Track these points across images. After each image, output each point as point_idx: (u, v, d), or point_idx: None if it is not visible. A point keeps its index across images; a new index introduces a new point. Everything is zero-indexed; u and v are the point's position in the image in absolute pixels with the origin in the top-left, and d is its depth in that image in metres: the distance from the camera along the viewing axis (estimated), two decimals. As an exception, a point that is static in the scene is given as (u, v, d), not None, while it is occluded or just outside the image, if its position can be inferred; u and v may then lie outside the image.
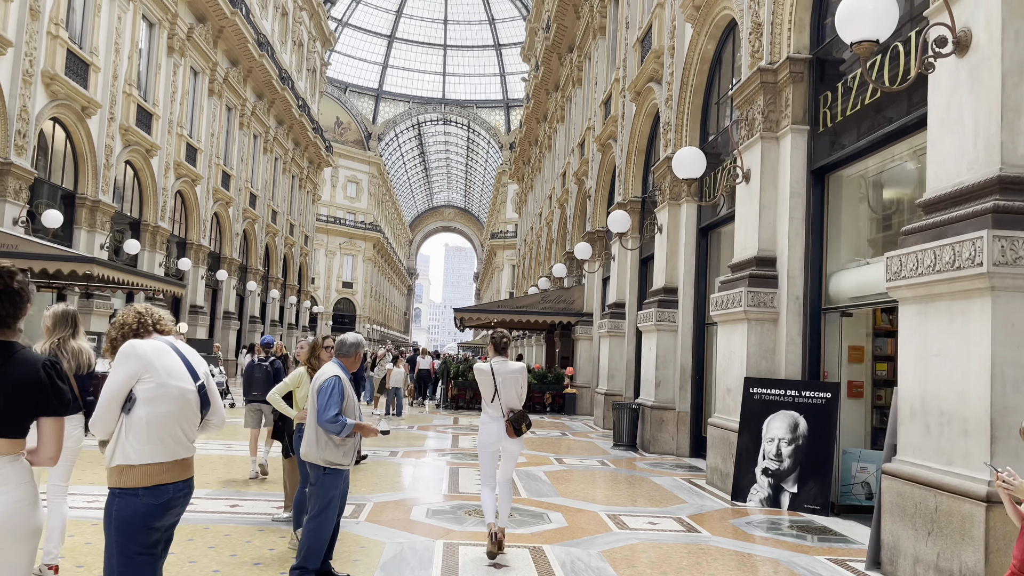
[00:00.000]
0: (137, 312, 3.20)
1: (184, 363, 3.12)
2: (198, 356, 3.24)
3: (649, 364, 13.03)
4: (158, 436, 2.99)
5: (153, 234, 23.66)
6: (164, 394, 3.02)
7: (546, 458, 11.19)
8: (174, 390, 3.04)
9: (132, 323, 3.16)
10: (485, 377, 5.73)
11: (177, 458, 3.04)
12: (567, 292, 21.53)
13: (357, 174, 70.96)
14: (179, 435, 3.06)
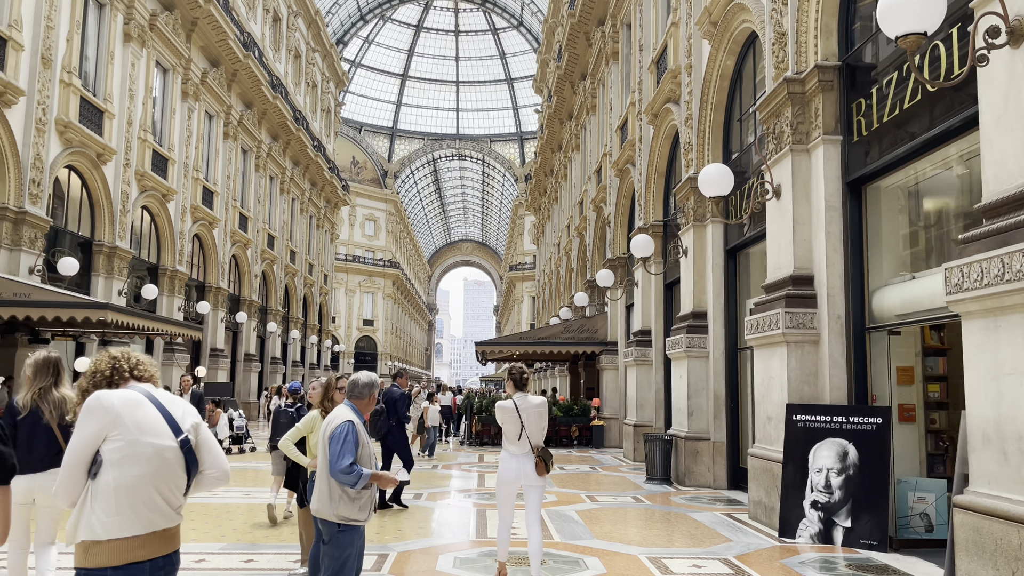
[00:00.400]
0: (112, 357, 2.81)
1: (164, 415, 2.70)
2: (184, 405, 2.83)
3: (680, 393, 12.51)
4: (129, 504, 2.56)
5: (171, 278, 23.54)
6: (135, 453, 2.60)
7: (577, 496, 10.66)
8: (148, 448, 2.63)
9: (105, 370, 2.76)
10: (509, 414, 5.63)
11: (155, 529, 2.61)
12: (590, 321, 21.07)
13: (375, 212, 71.26)
14: (156, 502, 2.63)
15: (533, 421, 5.60)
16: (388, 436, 9.50)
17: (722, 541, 7.59)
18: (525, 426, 5.56)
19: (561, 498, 10.39)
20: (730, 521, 8.75)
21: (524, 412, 5.58)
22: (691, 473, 11.91)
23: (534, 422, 5.60)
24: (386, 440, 9.54)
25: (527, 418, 5.57)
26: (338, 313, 63.09)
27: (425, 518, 8.80)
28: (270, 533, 7.75)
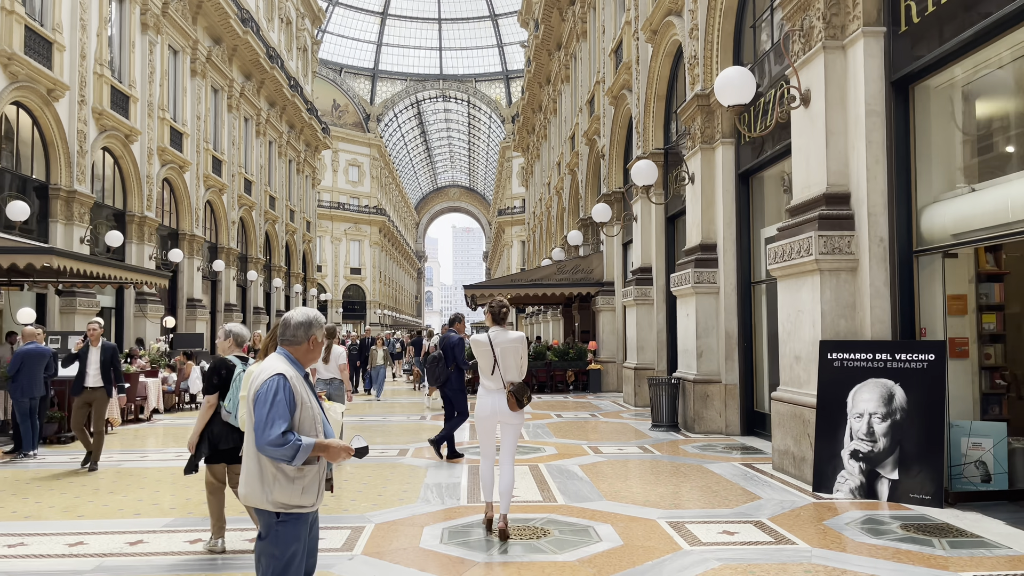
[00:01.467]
0: None
1: None
2: None
3: (688, 333, 11.48)
4: None
5: (140, 225, 22.19)
6: None
7: (578, 447, 9.69)
8: None
9: None
10: (483, 348, 5.56)
11: None
12: (584, 261, 19.95)
13: (358, 157, 69.37)
14: None
15: (508, 356, 5.48)
16: (447, 384, 9.13)
17: (749, 499, 6.61)
18: (499, 361, 5.46)
19: (562, 450, 9.41)
20: (752, 473, 7.79)
21: (498, 347, 5.48)
22: (701, 419, 10.95)
23: (509, 357, 5.48)
24: (444, 389, 9.18)
25: (501, 353, 5.46)
26: (324, 262, 61.81)
27: (409, 479, 7.80)
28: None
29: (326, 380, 8.93)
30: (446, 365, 9.06)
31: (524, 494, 6.83)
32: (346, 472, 7.93)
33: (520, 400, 5.41)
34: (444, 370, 9.05)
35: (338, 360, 9.04)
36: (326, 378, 8.94)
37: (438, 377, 9.03)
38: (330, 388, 8.93)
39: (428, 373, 9.22)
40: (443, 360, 9.05)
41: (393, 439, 10.70)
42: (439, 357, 9.07)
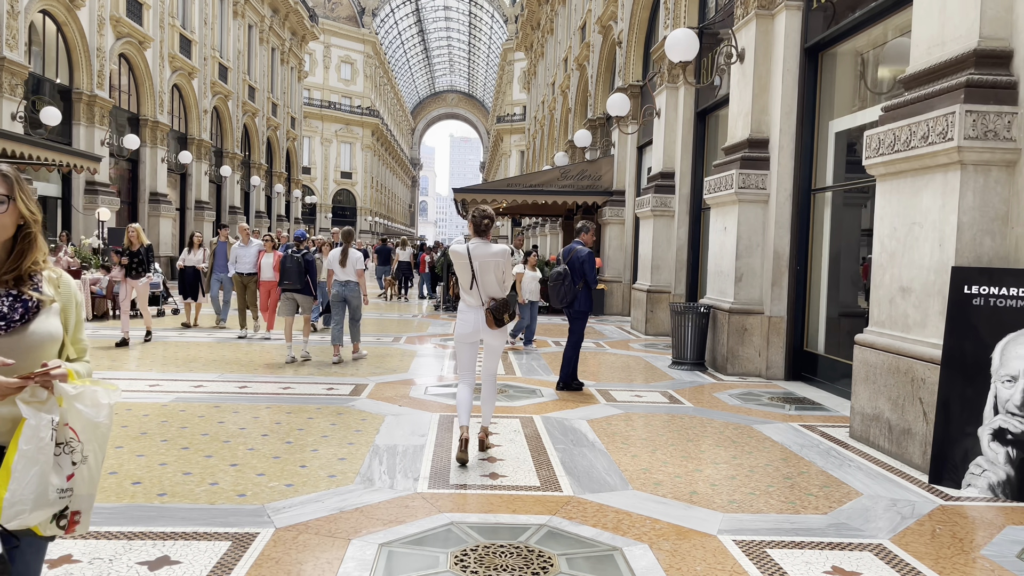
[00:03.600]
0: None
1: None
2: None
3: (724, 251, 9.24)
4: None
5: (89, 104, 19.54)
6: None
7: (586, 393, 7.57)
8: None
9: None
10: (461, 260, 5.10)
11: None
12: (592, 166, 17.49)
13: (351, 54, 65.38)
14: None
15: (487, 271, 5.05)
16: (573, 305, 7.66)
17: (842, 493, 4.49)
18: (477, 276, 5.06)
19: (563, 395, 7.30)
20: (824, 444, 5.68)
21: (477, 260, 5.05)
22: (735, 357, 8.83)
23: (489, 271, 5.05)
24: (571, 309, 7.69)
25: (480, 267, 5.04)
26: (313, 164, 58.90)
27: (378, 427, 5.69)
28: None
29: (342, 282, 9.10)
30: (573, 283, 7.56)
31: (514, 472, 4.71)
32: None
33: (499, 319, 5.02)
34: (571, 288, 7.56)
35: (356, 264, 9.14)
36: (342, 280, 9.09)
37: (563, 296, 7.60)
38: (345, 290, 9.11)
39: (552, 292, 7.70)
40: (570, 276, 7.57)
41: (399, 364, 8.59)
42: (564, 273, 7.58)
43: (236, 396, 6.75)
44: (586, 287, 7.64)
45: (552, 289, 7.67)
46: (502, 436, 5.57)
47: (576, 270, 7.61)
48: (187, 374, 7.82)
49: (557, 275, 7.61)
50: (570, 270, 7.58)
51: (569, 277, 7.55)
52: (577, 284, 7.57)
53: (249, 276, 11.10)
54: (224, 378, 7.65)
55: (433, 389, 7.41)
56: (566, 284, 7.53)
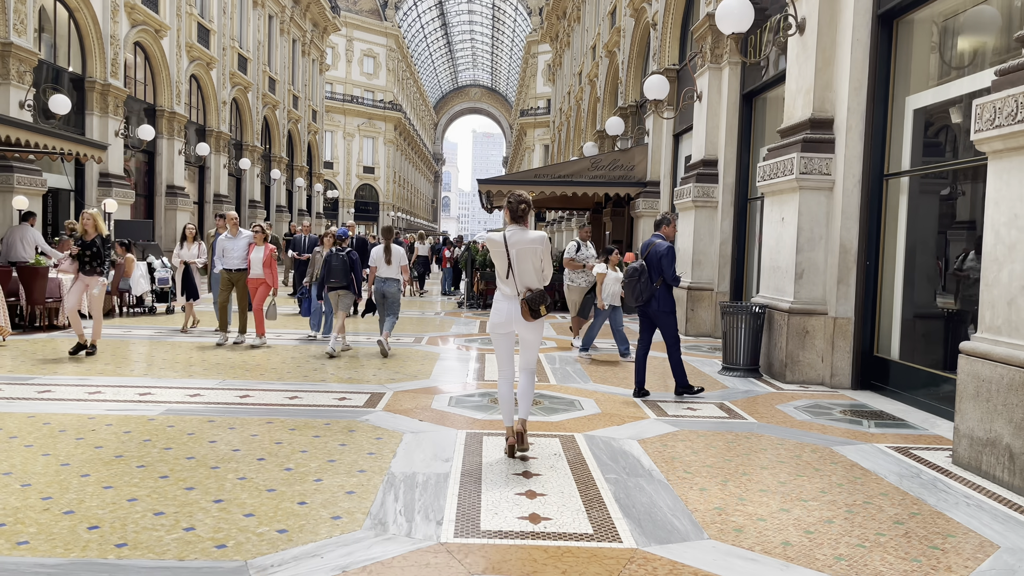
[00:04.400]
0: None
1: None
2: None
3: (782, 244, 8.29)
4: None
5: (103, 94, 18.91)
6: None
7: (628, 403, 6.68)
8: None
9: None
10: (497, 248, 4.86)
11: None
12: (625, 155, 16.54)
13: (374, 47, 64.72)
14: None
15: (525, 259, 4.78)
16: (650, 304, 6.95)
17: (978, 546, 3.56)
18: (513, 264, 4.79)
19: (606, 407, 6.41)
20: (924, 472, 4.76)
21: (514, 247, 4.78)
22: (795, 363, 7.89)
23: (526, 260, 4.79)
24: (648, 309, 6.98)
25: (517, 255, 4.78)
26: (336, 159, 58.37)
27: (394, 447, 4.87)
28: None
29: (383, 279, 9.28)
30: (651, 280, 6.90)
31: (559, 511, 3.84)
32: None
33: (535, 310, 4.77)
34: (648, 286, 6.89)
35: (400, 260, 9.34)
36: (384, 276, 9.27)
37: (639, 295, 6.91)
38: (385, 287, 9.28)
39: (627, 290, 7.09)
40: (646, 273, 6.92)
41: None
42: (641, 270, 6.94)
43: (235, 408, 5.94)
44: (665, 285, 6.95)
45: (627, 287, 7.06)
46: (541, 462, 4.70)
47: (654, 266, 6.93)
48: (185, 380, 7.04)
49: (633, 271, 6.97)
50: (647, 265, 6.94)
51: (645, 274, 6.91)
52: (655, 281, 6.89)
53: (238, 273, 9.65)
54: (225, 385, 6.86)
55: (459, 399, 6.56)
56: (642, 281, 6.88)
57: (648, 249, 7.06)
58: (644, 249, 7.15)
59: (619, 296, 9.18)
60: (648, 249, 7.06)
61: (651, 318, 7.04)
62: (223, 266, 9.65)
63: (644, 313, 7.05)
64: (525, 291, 4.79)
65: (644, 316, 7.09)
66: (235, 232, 9.79)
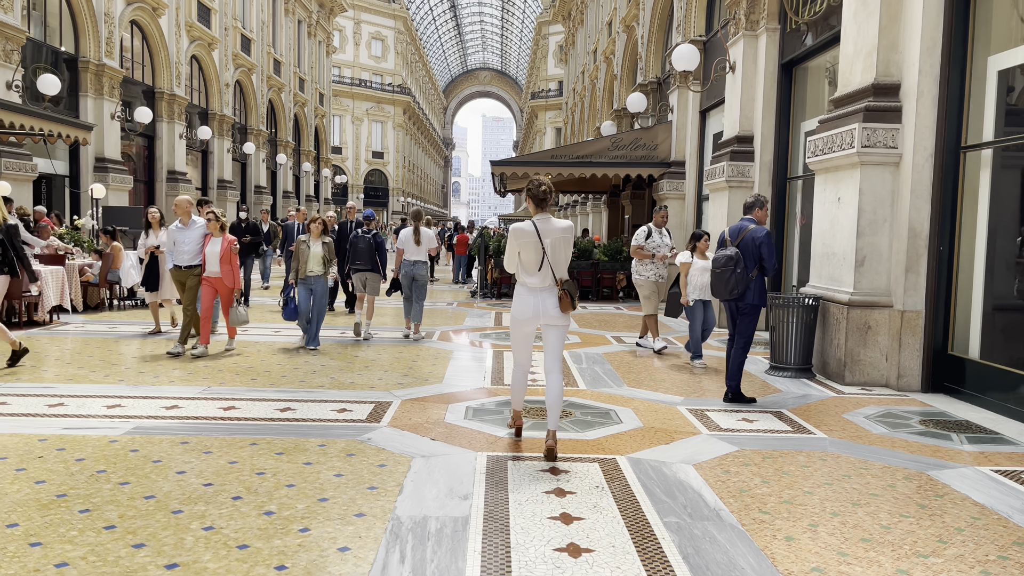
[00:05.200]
0: None
1: None
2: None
3: (840, 227, 7.34)
4: None
5: (97, 75, 18.05)
6: None
7: (674, 412, 5.78)
8: None
9: None
10: (528, 239, 4.54)
11: None
12: (647, 134, 15.55)
13: (382, 30, 63.65)
14: None
15: (559, 248, 4.57)
16: (745, 297, 6.10)
17: None
18: (548, 254, 4.54)
19: (648, 418, 5.51)
20: (1053, 507, 3.85)
21: (546, 236, 4.53)
22: (855, 362, 6.97)
23: (560, 249, 4.58)
24: (742, 301, 6.12)
25: (551, 245, 4.54)
26: (345, 144, 57.48)
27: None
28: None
29: (411, 262, 9.22)
30: (747, 270, 6.02)
31: (602, 555, 2.97)
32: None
33: (574, 300, 4.57)
34: (743, 277, 6.02)
35: (429, 243, 9.29)
36: (412, 260, 9.22)
37: (733, 287, 6.03)
38: (414, 270, 9.24)
39: (716, 281, 6.20)
40: (742, 262, 6.02)
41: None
42: (736, 258, 6.02)
43: (215, 425, 5.08)
44: (759, 276, 6.14)
45: (717, 277, 6.18)
46: (582, 499, 3.82)
47: (750, 254, 6.08)
48: (163, 388, 6.18)
49: (726, 259, 6.09)
50: (741, 254, 6.08)
51: (741, 262, 6.03)
52: (751, 272, 6.05)
53: (189, 270, 7.97)
54: (209, 393, 5.99)
55: (476, 410, 5.68)
56: (737, 272, 6.01)
57: (741, 235, 6.20)
58: (734, 235, 6.27)
59: (709, 288, 7.63)
60: (741, 235, 6.20)
61: (745, 313, 6.21)
62: (174, 262, 8.03)
63: (734, 307, 6.26)
64: (561, 281, 4.57)
65: (731, 310, 6.32)
66: (187, 220, 8.00)
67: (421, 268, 9.25)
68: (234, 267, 7.92)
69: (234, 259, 7.92)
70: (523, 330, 4.68)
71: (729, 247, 6.18)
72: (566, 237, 4.59)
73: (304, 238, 8.39)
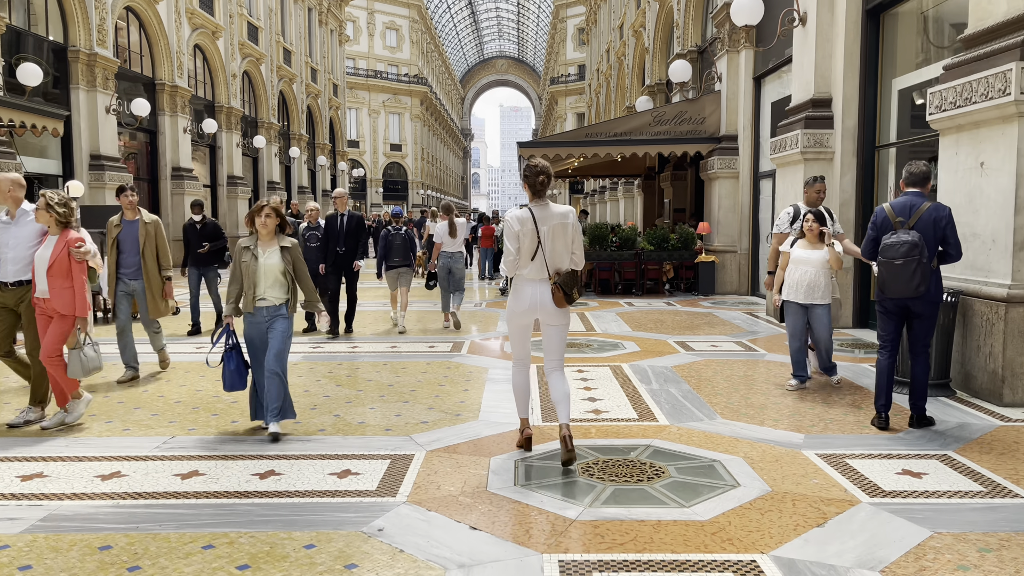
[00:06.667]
0: None
1: None
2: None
3: (986, 202, 5.68)
4: None
5: (89, 66, 16.69)
6: None
7: (809, 468, 4.19)
8: None
9: None
10: (524, 226, 4.23)
11: None
12: (693, 106, 13.86)
13: (396, 19, 62.11)
14: None
15: (557, 237, 4.25)
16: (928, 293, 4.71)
17: None
18: (544, 243, 4.22)
19: (769, 473, 3.92)
20: None
21: (544, 224, 4.22)
22: (1016, 376, 5.33)
23: (558, 239, 4.25)
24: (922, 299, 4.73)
25: (548, 232, 4.23)
26: (362, 137, 56.10)
27: None
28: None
29: (449, 254, 9.46)
30: (930, 259, 4.67)
31: None
32: None
33: (569, 294, 4.24)
34: (928, 268, 4.62)
35: (464, 233, 9.66)
36: (450, 251, 9.45)
37: (919, 282, 4.60)
38: (451, 261, 9.46)
39: (896, 275, 4.71)
40: (925, 249, 4.63)
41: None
42: (920, 244, 4.62)
43: (162, 509, 3.53)
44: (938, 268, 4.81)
45: (899, 270, 4.63)
46: None
47: (931, 239, 4.71)
48: (112, 440, 4.70)
49: (910, 246, 4.60)
50: (922, 240, 4.65)
51: (925, 249, 4.61)
52: (931, 260, 4.70)
53: (16, 290, 5.06)
54: (168, 448, 4.48)
55: (529, 466, 4.13)
56: (923, 263, 4.58)
57: (916, 214, 4.72)
58: (904, 213, 4.76)
59: (821, 288, 5.82)
60: (916, 214, 4.72)
61: (909, 313, 4.83)
62: None
63: (903, 306, 4.81)
64: (555, 273, 4.27)
65: (898, 310, 4.86)
66: (14, 211, 5.10)
67: (459, 260, 9.56)
68: (77, 284, 4.92)
69: (77, 271, 4.91)
70: (520, 322, 4.41)
71: (903, 231, 4.62)
72: (564, 224, 4.23)
73: (247, 243, 4.83)
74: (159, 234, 6.76)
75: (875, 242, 4.85)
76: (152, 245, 6.63)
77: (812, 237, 5.90)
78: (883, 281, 4.71)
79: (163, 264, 6.70)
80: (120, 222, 6.74)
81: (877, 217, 4.88)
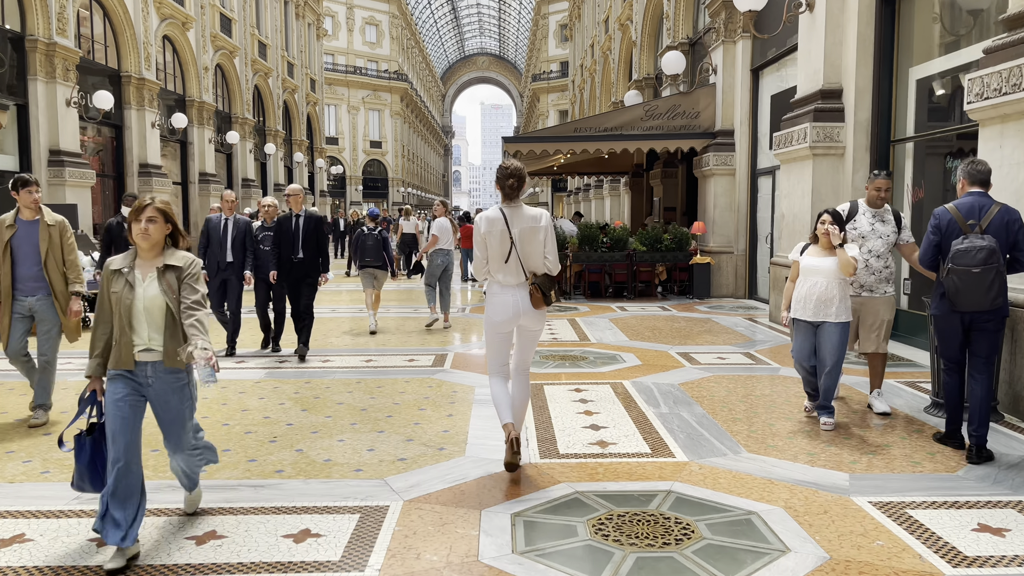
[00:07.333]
0: None
1: None
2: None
3: (1037, 199, 5.05)
4: None
5: (48, 56, 15.73)
6: None
7: (869, 524, 3.50)
8: None
9: None
10: (494, 227, 4.10)
11: None
12: (687, 99, 13.18)
13: (376, 15, 61.16)
14: None
15: (529, 240, 4.11)
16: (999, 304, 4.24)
17: None
18: (517, 246, 4.09)
19: (827, 533, 3.23)
20: None
21: (516, 226, 4.10)
22: (1077, 400, 4.68)
23: (531, 240, 4.12)
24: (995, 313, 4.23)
25: (520, 235, 4.10)
26: (341, 134, 55.11)
27: None
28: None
29: (445, 251, 9.59)
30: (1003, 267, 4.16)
31: None
32: None
33: (547, 295, 4.13)
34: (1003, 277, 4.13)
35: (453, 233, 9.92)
36: (446, 249, 9.62)
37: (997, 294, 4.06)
38: (448, 259, 9.64)
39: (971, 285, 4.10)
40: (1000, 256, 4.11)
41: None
42: (997, 250, 4.08)
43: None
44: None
45: (976, 279, 4.05)
46: None
47: (1003, 244, 4.15)
48: (27, 488, 3.92)
49: (988, 252, 4.02)
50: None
51: (1000, 257, 4.07)
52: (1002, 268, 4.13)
53: None
54: (87, 501, 3.67)
55: (529, 522, 3.40)
56: (1001, 271, 4.06)
57: (987, 216, 4.13)
58: (974, 214, 4.18)
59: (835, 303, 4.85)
60: (987, 216, 4.13)
61: (971, 327, 4.25)
62: None
63: (968, 320, 4.24)
64: (531, 275, 4.13)
65: (963, 325, 4.28)
66: None
67: (452, 256, 9.77)
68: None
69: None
70: (502, 331, 4.21)
71: (976, 235, 3.96)
72: (534, 227, 4.09)
73: (119, 264, 3.16)
74: (65, 239, 5.23)
75: (938, 248, 4.18)
76: (57, 253, 5.17)
77: (825, 242, 4.93)
78: (955, 292, 4.05)
79: (71, 276, 5.24)
80: (15, 222, 5.11)
81: (941, 220, 4.21)
